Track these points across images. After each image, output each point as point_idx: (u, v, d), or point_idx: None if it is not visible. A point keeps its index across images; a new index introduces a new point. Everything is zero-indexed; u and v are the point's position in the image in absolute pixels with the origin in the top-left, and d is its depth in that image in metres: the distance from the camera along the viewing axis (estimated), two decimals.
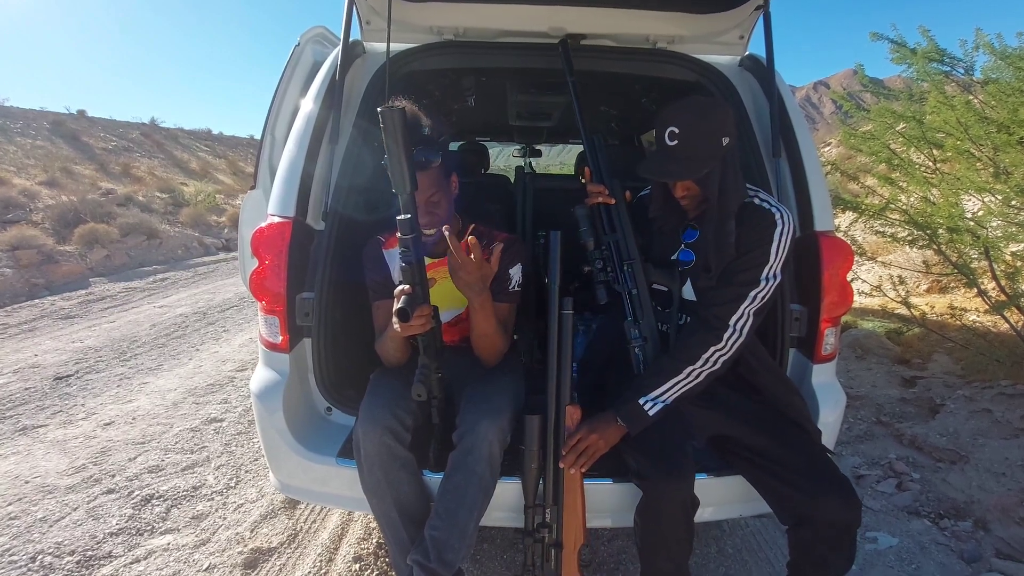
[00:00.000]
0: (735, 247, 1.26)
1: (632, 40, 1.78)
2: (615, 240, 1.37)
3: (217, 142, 20.16)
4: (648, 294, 1.35)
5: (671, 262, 1.37)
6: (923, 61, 2.93)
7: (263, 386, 1.42)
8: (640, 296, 1.34)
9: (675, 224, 1.38)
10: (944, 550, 1.81)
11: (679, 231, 1.38)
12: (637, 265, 1.35)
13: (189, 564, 1.75)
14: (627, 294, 1.35)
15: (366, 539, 1.85)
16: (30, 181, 9.03)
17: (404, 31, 1.72)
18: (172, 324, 4.52)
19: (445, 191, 1.37)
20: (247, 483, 2.22)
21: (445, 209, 1.38)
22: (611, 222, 1.37)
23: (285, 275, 1.40)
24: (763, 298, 1.26)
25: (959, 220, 2.80)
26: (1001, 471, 2.14)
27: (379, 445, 1.25)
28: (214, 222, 10.14)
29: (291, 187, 1.46)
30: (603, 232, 1.38)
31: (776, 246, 1.25)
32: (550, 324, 1.24)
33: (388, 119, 1.12)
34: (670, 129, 1.20)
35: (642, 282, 1.35)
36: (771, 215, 1.28)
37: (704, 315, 1.27)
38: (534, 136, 4.39)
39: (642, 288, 1.35)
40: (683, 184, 1.28)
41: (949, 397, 2.77)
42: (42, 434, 2.59)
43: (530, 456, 1.23)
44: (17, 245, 6.01)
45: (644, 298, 1.34)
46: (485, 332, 1.35)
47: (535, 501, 1.26)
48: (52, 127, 13.29)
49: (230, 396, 3.07)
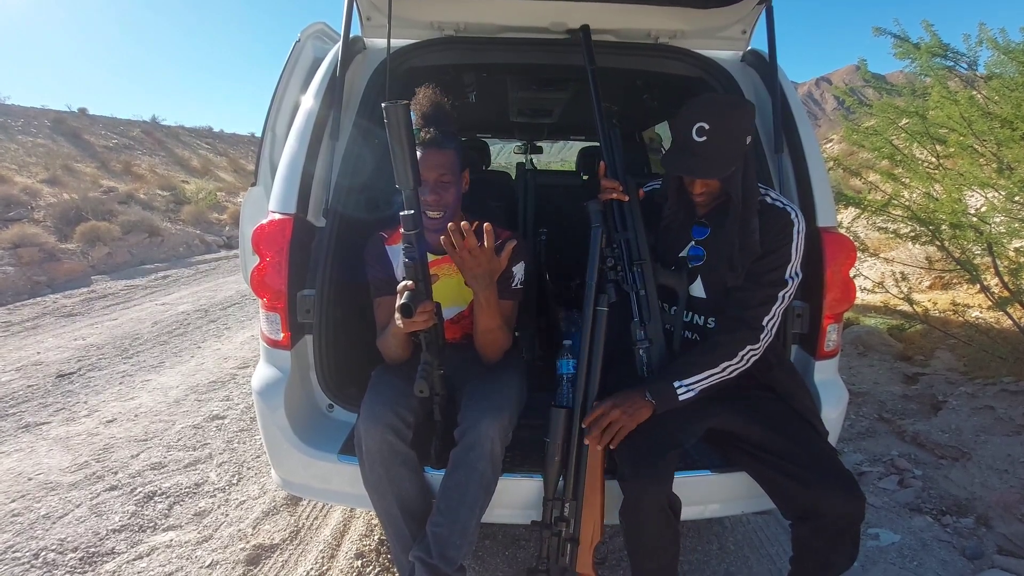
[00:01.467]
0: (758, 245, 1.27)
1: (634, 35, 1.77)
2: (626, 239, 1.34)
3: (218, 140, 20.15)
4: (656, 295, 1.34)
5: (679, 259, 1.37)
6: (926, 56, 2.91)
7: (265, 383, 1.42)
8: (648, 297, 1.32)
9: (684, 220, 1.37)
10: (946, 547, 1.81)
11: (688, 227, 1.37)
12: (647, 265, 1.33)
13: (192, 560, 1.75)
14: (635, 294, 1.33)
15: (368, 536, 1.85)
16: (31, 179, 9.03)
17: (405, 27, 1.71)
18: (174, 322, 4.53)
19: (455, 178, 1.38)
20: (249, 480, 2.23)
21: (453, 195, 1.38)
22: (623, 220, 1.34)
23: (286, 272, 1.40)
24: (790, 297, 1.29)
25: (962, 216, 2.79)
26: (1003, 468, 2.14)
27: (381, 442, 1.25)
28: (215, 220, 10.14)
29: (292, 184, 1.45)
30: (615, 230, 1.34)
31: (796, 244, 1.29)
32: (584, 320, 1.25)
33: (392, 114, 1.11)
34: (699, 125, 1.18)
35: (651, 283, 1.33)
36: (787, 214, 1.30)
37: (740, 316, 1.28)
38: (535, 133, 4.39)
39: (651, 289, 1.33)
40: (703, 181, 1.27)
41: (951, 394, 2.77)
42: (45, 431, 2.60)
43: (553, 449, 1.24)
44: (19, 243, 6.02)
45: (652, 299, 1.33)
46: (489, 327, 1.35)
47: (555, 495, 1.26)
48: (53, 125, 13.29)
49: (232, 393, 3.07)
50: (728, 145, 1.20)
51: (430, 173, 1.34)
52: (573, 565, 1.25)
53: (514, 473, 1.33)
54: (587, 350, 1.25)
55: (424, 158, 1.33)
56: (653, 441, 1.20)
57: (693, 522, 1.92)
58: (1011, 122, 2.62)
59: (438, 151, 1.35)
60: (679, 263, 1.36)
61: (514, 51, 1.79)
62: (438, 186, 1.35)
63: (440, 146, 1.35)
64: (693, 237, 1.36)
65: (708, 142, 1.18)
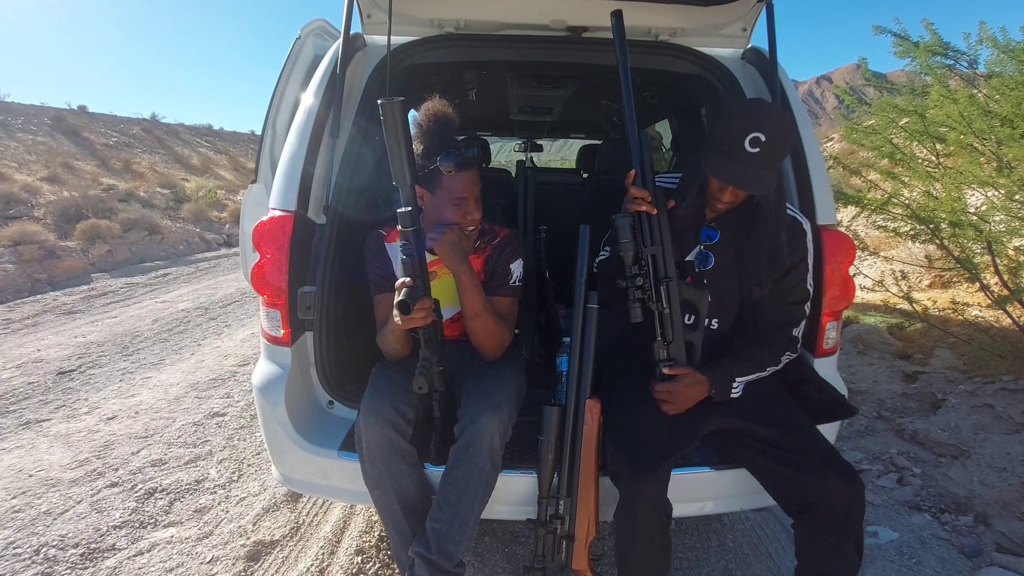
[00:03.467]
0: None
1: (634, 32, 1.77)
2: (653, 254, 1.26)
3: (218, 138, 20.12)
4: (680, 313, 1.27)
5: (686, 263, 1.35)
6: (926, 55, 2.91)
7: (265, 379, 1.42)
8: (672, 316, 1.26)
9: (693, 221, 1.35)
10: (945, 544, 1.81)
11: (697, 229, 1.35)
12: (674, 284, 1.26)
13: (192, 557, 1.76)
14: (659, 312, 1.26)
15: (368, 532, 1.86)
16: (31, 177, 9.03)
17: (405, 24, 1.71)
18: (174, 319, 4.53)
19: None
20: (249, 477, 2.23)
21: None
22: (651, 233, 1.25)
23: (286, 269, 1.40)
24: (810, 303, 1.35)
25: (962, 214, 2.79)
26: (1002, 466, 2.14)
27: (381, 438, 1.25)
28: (215, 218, 10.13)
29: (292, 181, 1.46)
30: (642, 245, 1.25)
31: (811, 254, 1.32)
32: (574, 318, 1.25)
33: (388, 112, 1.11)
34: (754, 135, 1.11)
35: (675, 301, 1.26)
36: (798, 223, 1.32)
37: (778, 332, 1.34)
38: (535, 131, 4.39)
39: (675, 308, 1.26)
40: (735, 192, 1.22)
41: (951, 392, 2.77)
42: (45, 428, 2.60)
43: (547, 447, 1.24)
44: (19, 241, 6.02)
45: (676, 318, 1.27)
46: (476, 310, 1.35)
47: (549, 492, 1.26)
48: (53, 123, 13.27)
49: (232, 391, 3.08)
50: (779, 159, 1.18)
51: (471, 191, 1.36)
52: (569, 562, 1.26)
53: (513, 469, 1.33)
54: (578, 348, 1.25)
55: (465, 179, 1.34)
56: (653, 441, 1.21)
57: (692, 519, 1.92)
58: (1011, 120, 2.62)
59: (475, 169, 1.37)
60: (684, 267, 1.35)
61: (514, 48, 1.79)
62: (476, 203, 1.39)
63: (474, 164, 1.37)
64: (701, 240, 1.35)
65: (761, 154, 1.12)
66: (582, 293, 1.25)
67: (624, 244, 1.23)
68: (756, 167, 1.14)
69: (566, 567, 1.27)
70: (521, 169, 2.29)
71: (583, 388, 1.25)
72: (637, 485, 1.15)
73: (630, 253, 1.24)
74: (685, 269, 1.33)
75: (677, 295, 1.27)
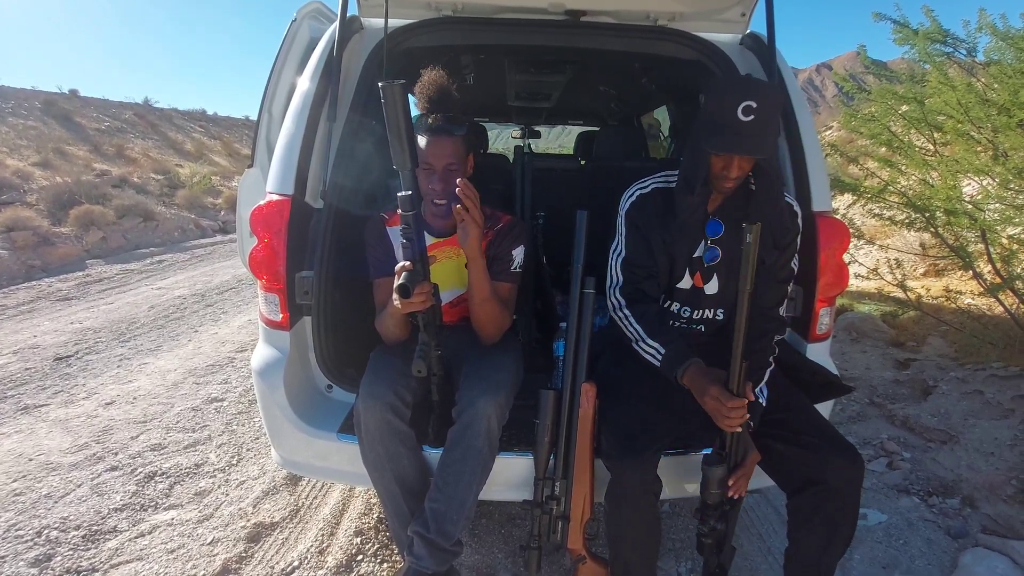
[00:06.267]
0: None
1: (632, 17, 1.76)
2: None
3: (212, 123, 19.88)
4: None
5: (694, 259, 1.35)
6: (925, 42, 2.89)
7: (264, 363, 1.43)
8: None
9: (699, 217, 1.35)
10: (931, 526, 1.85)
11: (701, 224, 1.35)
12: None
13: (193, 538, 1.78)
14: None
15: (367, 514, 1.88)
16: (23, 162, 8.92)
17: (402, 7, 1.69)
18: (170, 306, 4.52)
19: (462, 164, 1.38)
20: (249, 461, 2.25)
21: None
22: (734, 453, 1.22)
23: (284, 253, 1.41)
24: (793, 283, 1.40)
25: (957, 202, 2.80)
26: (990, 451, 2.18)
27: (380, 420, 1.27)
28: (210, 204, 10.06)
29: (289, 165, 1.45)
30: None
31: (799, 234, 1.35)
32: (571, 303, 1.26)
33: (388, 94, 1.11)
34: (746, 104, 1.14)
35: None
36: (790, 204, 1.34)
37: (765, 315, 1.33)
38: (533, 117, 4.36)
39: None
40: (741, 165, 1.23)
41: (942, 379, 2.81)
42: (44, 413, 2.61)
43: (543, 430, 1.26)
44: (12, 227, 5.96)
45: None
46: (485, 296, 1.35)
47: (545, 474, 1.29)
48: (44, 107, 13.07)
49: (230, 376, 3.09)
50: (773, 121, 1.20)
51: (438, 161, 1.33)
52: (564, 542, 1.29)
53: (510, 452, 1.35)
54: (575, 333, 1.27)
55: (432, 145, 1.32)
56: (644, 424, 1.23)
57: (686, 501, 1.95)
58: (1008, 109, 2.62)
59: (447, 138, 1.33)
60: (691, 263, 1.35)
61: (512, 32, 1.78)
62: (445, 174, 1.34)
63: (449, 133, 1.34)
64: (707, 235, 1.35)
65: (755, 120, 1.15)
66: (579, 278, 1.26)
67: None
68: (752, 133, 1.17)
69: (561, 547, 1.30)
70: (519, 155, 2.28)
71: (579, 372, 1.27)
72: (626, 465, 1.18)
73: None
74: (694, 265, 1.35)
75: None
